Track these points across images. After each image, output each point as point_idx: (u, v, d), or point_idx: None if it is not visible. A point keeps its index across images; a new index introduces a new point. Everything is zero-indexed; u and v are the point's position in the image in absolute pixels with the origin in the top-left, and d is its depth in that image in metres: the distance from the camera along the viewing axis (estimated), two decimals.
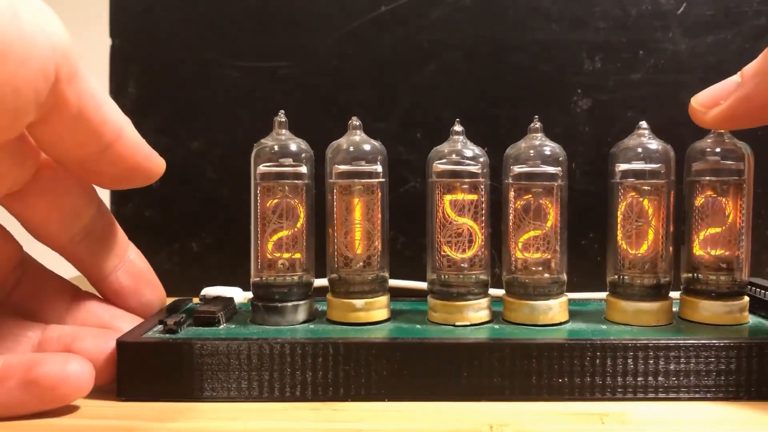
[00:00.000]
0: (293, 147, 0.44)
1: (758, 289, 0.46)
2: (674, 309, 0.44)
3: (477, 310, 0.43)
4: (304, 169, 0.44)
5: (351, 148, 0.44)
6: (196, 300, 0.49)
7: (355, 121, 0.45)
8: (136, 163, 0.39)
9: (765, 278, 0.58)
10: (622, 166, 0.44)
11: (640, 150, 0.44)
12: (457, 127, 0.45)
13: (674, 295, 0.44)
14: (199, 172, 0.64)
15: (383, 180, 0.44)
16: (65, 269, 0.45)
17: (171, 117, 0.64)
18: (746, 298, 0.43)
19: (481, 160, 0.44)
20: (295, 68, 0.63)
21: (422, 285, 0.48)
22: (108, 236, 0.43)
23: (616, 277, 0.44)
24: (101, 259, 0.43)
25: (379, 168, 0.44)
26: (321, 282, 0.46)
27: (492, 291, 0.44)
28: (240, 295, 0.49)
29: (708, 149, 0.44)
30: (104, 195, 0.64)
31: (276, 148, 0.44)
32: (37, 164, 0.39)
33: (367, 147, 0.44)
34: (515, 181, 0.44)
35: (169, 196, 0.64)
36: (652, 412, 0.37)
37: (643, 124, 0.45)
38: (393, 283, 0.46)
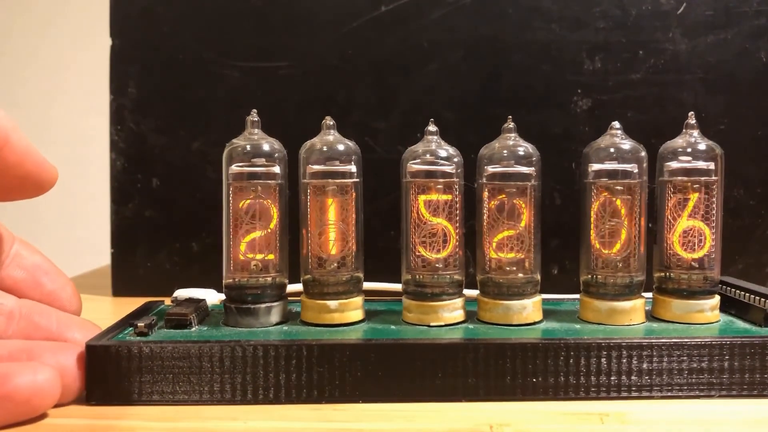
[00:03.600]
0: (266, 147, 0.44)
1: (729, 288, 0.47)
2: (647, 308, 0.44)
3: (451, 311, 0.43)
4: (277, 169, 0.44)
5: (325, 148, 0.44)
6: (168, 302, 0.49)
7: (328, 121, 0.45)
8: (25, 171, 0.36)
9: (767, 279, 0.58)
10: (595, 166, 0.44)
11: (612, 150, 0.44)
12: (431, 127, 0.45)
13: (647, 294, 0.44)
14: (199, 172, 0.63)
15: (357, 180, 0.44)
16: None
17: (171, 117, 0.64)
18: (717, 297, 0.44)
19: (455, 160, 0.44)
20: (295, 68, 0.62)
21: (396, 286, 0.48)
22: None
23: (589, 276, 0.44)
24: None
25: (353, 168, 0.44)
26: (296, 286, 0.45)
27: (466, 291, 0.44)
28: (214, 297, 0.49)
29: (680, 149, 0.44)
30: (103, 195, 0.63)
31: (248, 147, 0.44)
32: None
33: (341, 147, 0.44)
34: (489, 181, 0.44)
35: (169, 196, 0.64)
36: (651, 412, 0.37)
37: (616, 124, 0.45)
38: (367, 285, 0.46)
